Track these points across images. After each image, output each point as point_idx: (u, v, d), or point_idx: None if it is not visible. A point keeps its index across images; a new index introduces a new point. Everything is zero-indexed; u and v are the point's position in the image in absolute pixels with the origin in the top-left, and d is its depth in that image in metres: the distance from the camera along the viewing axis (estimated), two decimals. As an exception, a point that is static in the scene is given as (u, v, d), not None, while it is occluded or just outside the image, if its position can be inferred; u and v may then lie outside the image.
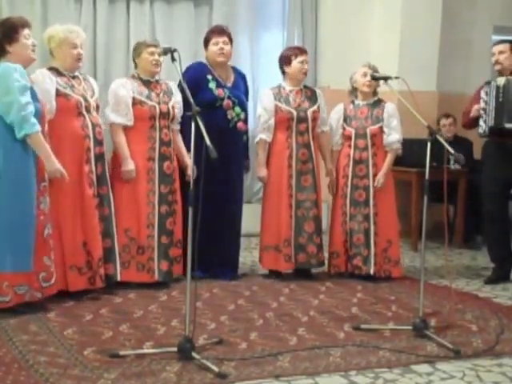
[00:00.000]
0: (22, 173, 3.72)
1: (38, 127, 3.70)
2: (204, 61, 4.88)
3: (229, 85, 4.82)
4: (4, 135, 3.69)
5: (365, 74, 4.84)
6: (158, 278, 4.48)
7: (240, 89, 4.90)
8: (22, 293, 3.75)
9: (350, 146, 4.94)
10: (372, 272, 4.85)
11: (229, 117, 4.74)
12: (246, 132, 4.97)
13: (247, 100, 5.02)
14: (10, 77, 3.65)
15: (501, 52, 4.80)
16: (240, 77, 4.98)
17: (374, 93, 4.98)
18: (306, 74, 4.92)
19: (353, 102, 5.02)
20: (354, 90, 5.01)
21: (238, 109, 4.78)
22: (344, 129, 4.96)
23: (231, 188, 4.81)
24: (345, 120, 4.97)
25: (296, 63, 4.87)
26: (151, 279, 4.47)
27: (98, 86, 4.52)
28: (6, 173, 3.68)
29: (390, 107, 4.91)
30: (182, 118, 4.63)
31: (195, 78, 4.59)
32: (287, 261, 4.85)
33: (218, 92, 4.73)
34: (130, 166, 4.43)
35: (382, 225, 4.90)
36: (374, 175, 4.89)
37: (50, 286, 3.90)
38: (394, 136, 4.91)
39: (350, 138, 4.93)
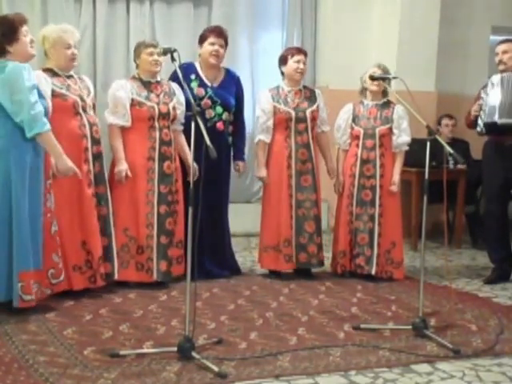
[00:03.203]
0: (34, 172, 3.72)
1: (49, 126, 3.69)
2: (193, 60, 4.84)
3: (214, 85, 4.79)
4: (15, 135, 3.66)
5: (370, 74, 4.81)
6: (157, 278, 4.48)
7: (228, 90, 4.85)
8: (35, 291, 3.76)
9: (357, 146, 4.94)
10: (373, 272, 4.85)
11: (206, 116, 4.70)
12: (238, 133, 4.92)
13: (240, 102, 4.96)
14: (20, 76, 3.63)
15: (504, 52, 4.77)
16: (232, 79, 4.93)
17: (384, 94, 4.99)
18: (302, 73, 4.90)
19: (362, 102, 5.01)
20: (364, 90, 5.02)
21: (219, 109, 4.75)
22: (352, 128, 4.95)
23: (212, 188, 4.66)
24: (353, 120, 4.96)
25: (291, 62, 4.87)
26: (150, 279, 4.47)
27: (98, 86, 4.51)
28: (19, 172, 3.66)
29: (399, 109, 4.90)
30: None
31: (177, 80, 4.53)
32: (287, 261, 4.85)
33: (198, 91, 4.71)
34: (121, 166, 4.42)
35: (387, 226, 4.90)
36: (381, 175, 4.89)
37: (59, 282, 3.94)
38: (403, 138, 4.93)
39: (358, 137, 4.93)
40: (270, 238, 4.86)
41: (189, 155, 4.57)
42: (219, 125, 4.77)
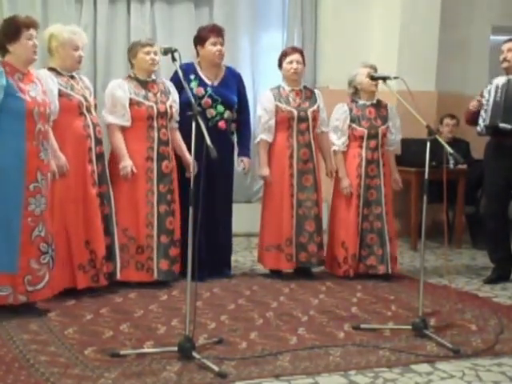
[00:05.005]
0: (10, 174, 3.67)
1: None
2: (193, 60, 4.82)
3: (215, 83, 4.78)
4: None
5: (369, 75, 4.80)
6: (158, 277, 4.49)
7: (229, 88, 4.84)
8: (4, 294, 3.70)
9: (360, 147, 4.91)
10: (390, 271, 4.87)
11: (208, 115, 4.69)
12: (243, 130, 4.92)
13: (243, 99, 4.95)
14: None
15: (510, 50, 4.77)
16: (232, 76, 4.92)
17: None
18: (296, 72, 4.88)
19: (355, 102, 4.99)
20: (356, 92, 5.00)
21: (220, 107, 4.74)
22: (354, 129, 4.92)
23: (214, 188, 4.71)
24: (353, 120, 4.94)
25: (285, 64, 4.88)
26: (150, 278, 4.48)
27: (99, 86, 4.52)
28: None
29: (392, 107, 4.92)
30: (181, 117, 4.60)
31: (178, 80, 4.48)
32: (289, 260, 4.86)
33: (197, 91, 4.70)
34: (127, 161, 4.42)
35: (389, 223, 4.93)
36: (384, 174, 4.92)
37: (38, 290, 3.78)
38: (399, 136, 5.00)
39: (361, 138, 4.90)
40: (272, 237, 4.86)
41: (186, 152, 4.57)
42: (221, 124, 4.76)
